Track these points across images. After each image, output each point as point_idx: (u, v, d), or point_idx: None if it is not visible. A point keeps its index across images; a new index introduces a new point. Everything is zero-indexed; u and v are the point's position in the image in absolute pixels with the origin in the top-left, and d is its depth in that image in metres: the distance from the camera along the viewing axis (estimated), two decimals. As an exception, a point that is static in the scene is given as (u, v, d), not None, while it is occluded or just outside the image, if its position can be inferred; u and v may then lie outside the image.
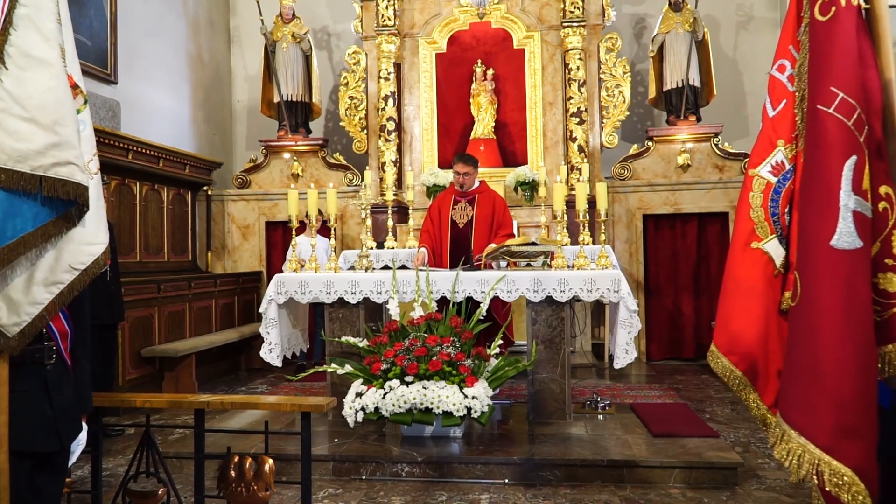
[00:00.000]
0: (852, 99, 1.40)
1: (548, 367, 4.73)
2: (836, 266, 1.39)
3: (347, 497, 3.81)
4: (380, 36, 8.09)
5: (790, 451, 1.44)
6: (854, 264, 1.38)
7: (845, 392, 1.38)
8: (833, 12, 1.44)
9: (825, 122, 1.41)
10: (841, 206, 1.38)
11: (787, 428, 1.45)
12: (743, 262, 2.02)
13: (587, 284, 4.64)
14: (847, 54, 1.42)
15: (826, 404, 1.39)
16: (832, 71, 1.42)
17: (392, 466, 4.10)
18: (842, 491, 1.38)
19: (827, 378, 1.39)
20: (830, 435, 1.39)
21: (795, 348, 1.46)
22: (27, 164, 1.84)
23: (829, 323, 1.39)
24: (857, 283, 1.38)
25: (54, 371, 2.15)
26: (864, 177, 1.40)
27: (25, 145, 1.84)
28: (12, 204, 1.86)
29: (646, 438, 4.37)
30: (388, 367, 4.34)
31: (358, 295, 4.83)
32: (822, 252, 1.40)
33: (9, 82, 1.84)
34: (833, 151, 1.39)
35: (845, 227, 1.38)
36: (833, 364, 1.38)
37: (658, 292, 8.03)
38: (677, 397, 5.84)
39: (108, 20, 7.14)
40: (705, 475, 3.92)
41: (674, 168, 7.99)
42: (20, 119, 1.83)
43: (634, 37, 9.22)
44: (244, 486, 3.15)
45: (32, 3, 1.92)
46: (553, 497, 3.78)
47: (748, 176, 2.16)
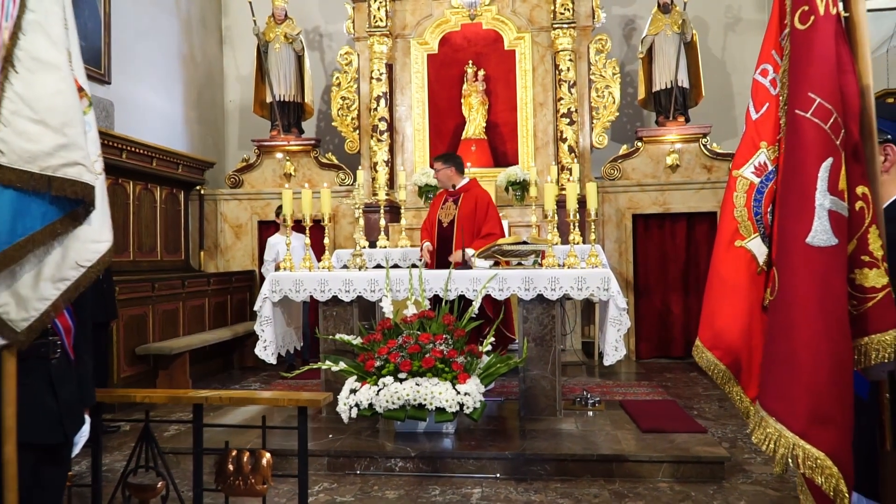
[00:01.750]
0: (829, 104, 1.48)
1: (539, 364, 4.81)
2: (811, 262, 1.47)
3: (342, 491, 3.88)
4: (372, 37, 8.15)
5: (767, 435, 1.52)
6: (829, 261, 1.46)
7: (820, 381, 1.46)
8: (812, 21, 1.52)
9: (803, 126, 1.49)
10: (817, 205, 1.46)
11: (765, 414, 1.53)
12: (727, 259, 2.11)
13: (577, 283, 4.72)
14: (825, 61, 1.49)
15: (801, 393, 1.47)
16: (810, 77, 1.50)
17: (386, 461, 4.17)
18: (815, 473, 1.46)
19: (802, 368, 1.47)
20: (805, 421, 1.47)
21: (773, 340, 1.53)
22: (36, 164, 1.90)
23: (805, 316, 1.47)
24: (833, 279, 1.46)
25: (59, 365, 2.20)
26: (841, 178, 1.47)
27: (35, 146, 1.89)
28: (22, 203, 1.92)
29: (635, 434, 4.46)
30: (382, 365, 4.40)
31: (352, 293, 4.89)
32: (798, 249, 1.48)
33: (19, 85, 1.89)
34: (810, 153, 1.47)
35: (821, 225, 1.46)
36: (808, 355, 1.46)
37: (647, 291, 8.13)
38: (666, 394, 5.93)
39: (101, 21, 7.16)
40: (693, 469, 4.01)
41: (663, 168, 8.09)
42: (30, 121, 1.89)
43: (624, 38, 9.32)
44: (242, 480, 3.21)
45: (41, 9, 1.97)
46: (544, 491, 3.86)
47: (732, 177, 2.25)
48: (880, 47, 6.26)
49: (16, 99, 1.89)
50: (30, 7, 1.95)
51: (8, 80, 1.91)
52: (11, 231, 1.91)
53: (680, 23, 7.99)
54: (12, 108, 1.89)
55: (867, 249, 1.50)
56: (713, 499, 3.72)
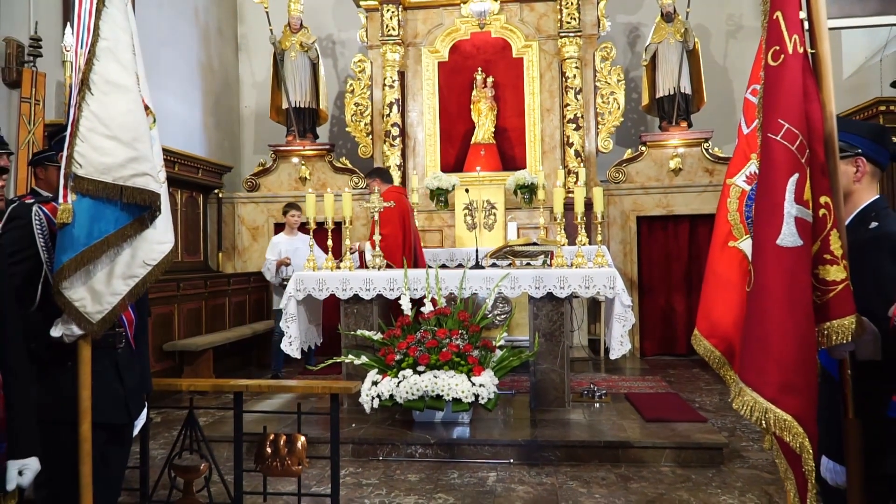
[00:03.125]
0: (796, 129, 1.77)
1: (548, 358, 5.09)
2: (781, 260, 1.76)
3: (367, 475, 4.17)
4: (384, 45, 8.45)
5: (744, 402, 1.81)
6: (795, 259, 1.75)
7: (786, 357, 1.76)
8: (782, 59, 1.81)
9: (773, 147, 1.78)
10: (785, 213, 1.75)
11: (743, 385, 1.83)
12: (722, 258, 2.42)
13: (585, 281, 5.00)
14: (792, 93, 1.78)
15: (772, 366, 1.77)
16: (780, 106, 1.79)
17: (406, 448, 4.45)
18: (784, 432, 1.76)
19: (773, 346, 1.76)
20: (775, 389, 1.77)
21: (749, 324, 1.83)
22: (110, 175, 2.18)
23: (775, 304, 1.76)
24: (798, 273, 1.75)
25: (123, 354, 2.48)
26: (805, 190, 1.76)
27: (109, 159, 2.17)
28: (97, 209, 2.19)
29: (639, 423, 4.74)
30: (402, 358, 4.69)
31: (372, 291, 5.18)
32: (770, 249, 1.77)
33: (94, 105, 2.17)
34: (779, 170, 1.76)
35: (788, 229, 1.75)
36: (778, 336, 1.75)
37: (651, 291, 8.40)
38: (669, 388, 6.20)
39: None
40: (693, 455, 4.29)
41: (666, 172, 8.37)
42: (104, 137, 2.17)
43: (628, 45, 9.60)
44: (279, 461, 3.50)
45: (112, 37, 2.25)
46: (555, 475, 4.14)
47: (726, 184, 2.54)
48: (873, 57, 6.52)
49: (92, 118, 2.17)
50: (103, 36, 2.23)
51: (85, 100, 2.19)
52: (89, 234, 2.19)
53: (682, 31, 8.26)
54: (89, 125, 2.17)
55: (829, 249, 1.79)
56: (712, 481, 4.00)
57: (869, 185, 2.07)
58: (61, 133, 2.50)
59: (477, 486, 3.97)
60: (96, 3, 2.22)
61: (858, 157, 2.04)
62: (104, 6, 2.22)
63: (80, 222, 2.18)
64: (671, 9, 8.33)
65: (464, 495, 3.83)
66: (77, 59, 2.28)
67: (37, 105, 5.89)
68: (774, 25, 1.82)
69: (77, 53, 2.30)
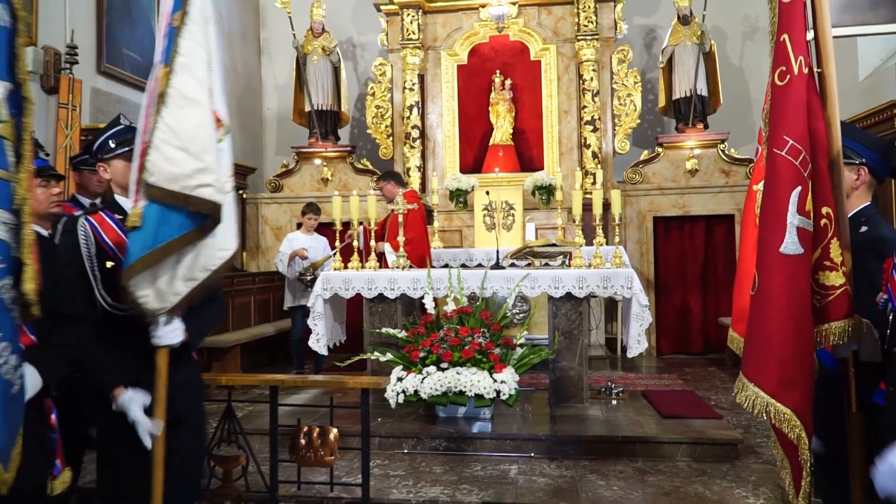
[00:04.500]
0: (799, 144, 1.91)
1: (567, 355, 5.25)
2: (783, 266, 1.91)
3: (394, 467, 4.35)
4: (404, 49, 8.62)
5: (747, 396, 1.97)
6: (796, 265, 1.90)
7: (786, 355, 1.91)
8: (788, 79, 1.96)
9: (778, 162, 1.93)
10: (787, 223, 1.90)
11: (746, 381, 1.98)
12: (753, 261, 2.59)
13: (603, 282, 5.15)
14: (797, 111, 1.93)
15: (772, 364, 1.92)
16: (785, 124, 1.94)
17: (431, 441, 4.63)
18: (783, 424, 1.92)
19: (773, 345, 1.92)
20: (775, 385, 1.92)
21: (753, 324, 1.99)
22: (178, 184, 2.33)
23: (777, 306, 1.91)
24: (799, 279, 1.91)
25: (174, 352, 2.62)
26: (807, 202, 1.92)
27: (178, 169, 2.32)
28: (164, 215, 2.36)
29: (656, 419, 4.88)
30: (426, 355, 4.86)
31: (396, 291, 5.36)
32: (773, 256, 1.92)
33: (169, 118, 2.32)
34: (783, 183, 1.92)
35: (790, 238, 1.90)
36: (778, 336, 1.91)
37: (667, 290, 8.52)
38: (685, 386, 6.34)
39: (154, 37, 7.70)
40: (709, 450, 4.43)
41: (682, 173, 8.48)
42: (175, 148, 2.32)
43: (645, 47, 9.71)
44: (313, 452, 3.68)
45: (190, 53, 2.37)
46: (574, 468, 4.30)
47: (751, 190, 2.71)
48: (889, 59, 6.61)
49: (165, 129, 2.33)
50: (180, 52, 2.37)
51: (160, 112, 2.34)
52: (155, 238, 2.35)
53: (699, 34, 8.37)
54: (162, 136, 2.33)
55: (829, 256, 1.94)
56: (726, 475, 4.14)
57: (864, 193, 2.25)
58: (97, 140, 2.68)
59: (499, 479, 4.14)
60: (179, 20, 2.35)
61: (861, 167, 2.19)
62: (185, 24, 2.34)
63: (148, 226, 2.32)
64: (687, 11, 8.44)
65: (487, 486, 4.00)
66: (156, 72, 2.41)
67: (73, 111, 6.11)
68: (781, 47, 1.97)
69: (157, 67, 2.45)
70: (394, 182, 6.40)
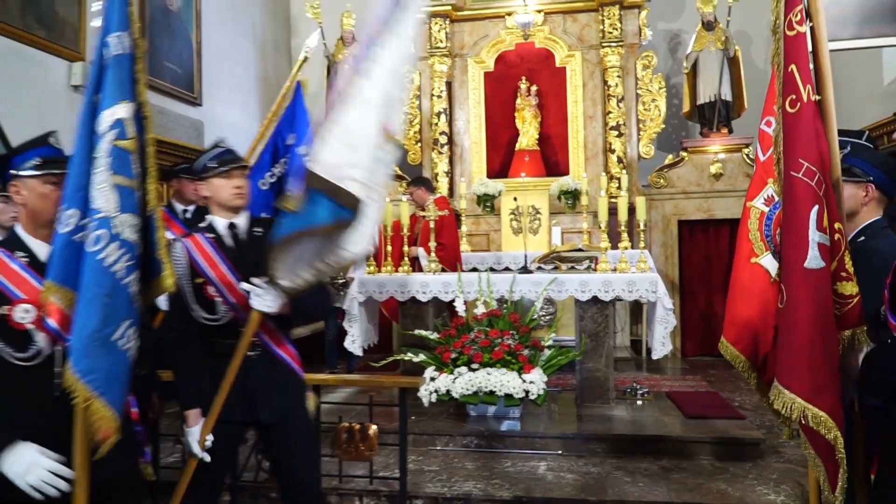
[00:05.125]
0: (814, 166, 2.09)
1: (594, 357, 5.42)
2: (807, 280, 2.08)
3: (428, 462, 4.56)
4: (432, 57, 8.84)
5: (784, 403, 2.12)
6: (819, 278, 2.07)
7: (817, 363, 2.07)
8: (799, 107, 2.13)
9: (796, 184, 2.10)
10: (810, 240, 2.07)
11: (782, 388, 2.14)
12: (745, 273, 2.78)
13: (628, 286, 5.31)
14: (809, 135, 2.10)
15: (805, 371, 2.08)
16: (799, 148, 2.11)
17: (463, 439, 4.84)
18: (820, 427, 2.07)
19: (805, 353, 2.08)
20: (809, 391, 2.08)
21: (784, 335, 2.15)
22: (330, 173, 2.41)
23: (805, 317, 2.07)
24: (822, 290, 2.07)
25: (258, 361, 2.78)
26: (824, 219, 2.09)
27: (333, 159, 2.41)
28: (314, 202, 2.43)
29: (680, 419, 5.04)
30: (457, 356, 5.06)
31: (428, 294, 5.57)
32: (798, 271, 2.09)
33: (342, 116, 2.44)
34: (803, 204, 2.09)
35: (813, 254, 2.07)
36: (809, 345, 2.07)
37: (692, 293, 8.64)
38: (709, 387, 6.47)
39: (193, 49, 7.99)
40: (732, 450, 4.58)
41: (707, 177, 8.59)
42: (339, 141, 2.42)
43: (669, 52, 9.82)
44: (353, 447, 3.91)
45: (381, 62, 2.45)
46: (601, 465, 4.48)
47: (746, 207, 2.91)
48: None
49: (336, 125, 2.44)
50: (374, 59, 2.47)
51: (338, 109, 2.46)
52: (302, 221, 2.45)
53: (723, 39, 8.48)
54: (333, 131, 2.44)
55: (844, 267, 2.11)
56: (749, 474, 4.29)
57: (874, 208, 2.43)
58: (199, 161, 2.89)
59: (529, 474, 4.33)
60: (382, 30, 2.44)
61: (868, 184, 2.36)
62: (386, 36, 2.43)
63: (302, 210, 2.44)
64: (712, 17, 8.55)
65: (518, 482, 4.20)
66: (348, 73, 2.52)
67: (119, 121, 6.39)
68: (790, 77, 2.15)
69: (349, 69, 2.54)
70: (424, 188, 6.61)
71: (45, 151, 2.23)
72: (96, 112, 2.13)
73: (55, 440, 2.03)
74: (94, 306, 1.98)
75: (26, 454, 2.00)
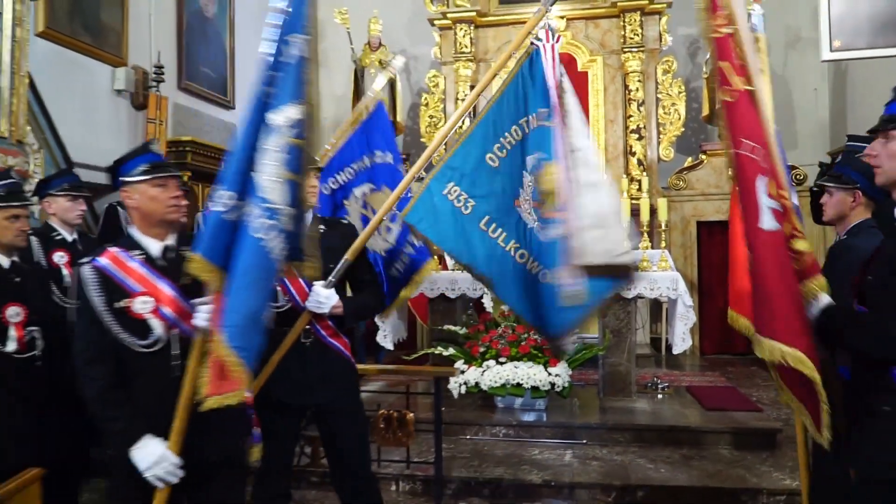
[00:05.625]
0: (754, 143, 2.38)
1: (616, 352, 5.64)
2: (766, 240, 2.33)
3: (459, 450, 4.80)
4: (457, 62, 9.08)
5: (763, 348, 2.32)
6: (776, 238, 2.33)
7: (787, 310, 2.30)
8: (735, 96, 2.42)
9: (741, 159, 2.39)
10: (761, 205, 2.33)
11: (761, 338, 2.36)
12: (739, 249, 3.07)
13: (650, 284, 5.54)
14: (746, 117, 2.41)
15: (779, 318, 2.31)
16: (740, 129, 2.40)
17: (492, 429, 5.07)
18: (800, 365, 2.25)
19: (775, 304, 2.31)
20: (784, 335, 2.28)
21: (756, 291, 2.40)
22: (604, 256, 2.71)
23: (769, 272, 2.32)
24: (779, 248, 2.33)
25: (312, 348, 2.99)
26: (773, 187, 2.35)
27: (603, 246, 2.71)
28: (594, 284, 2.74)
29: (699, 411, 5.25)
30: (485, 350, 5.30)
31: (457, 291, 5.82)
32: (757, 232, 2.35)
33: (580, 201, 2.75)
34: (750, 175, 2.36)
35: (766, 216, 2.33)
36: (777, 296, 2.31)
37: (710, 293, 8.82)
38: (727, 382, 6.66)
39: (227, 54, 8.31)
40: (749, 439, 4.79)
41: (725, 179, 8.75)
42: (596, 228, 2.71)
43: (689, 56, 10.01)
44: (391, 433, 4.16)
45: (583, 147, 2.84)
46: (624, 454, 4.70)
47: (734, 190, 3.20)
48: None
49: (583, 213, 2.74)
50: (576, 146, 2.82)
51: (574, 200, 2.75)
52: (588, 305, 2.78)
53: (742, 45, 8.64)
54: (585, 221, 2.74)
55: (795, 227, 2.38)
56: (766, 462, 4.50)
57: (863, 211, 2.78)
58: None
59: (556, 461, 4.56)
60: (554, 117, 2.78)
61: (857, 191, 2.64)
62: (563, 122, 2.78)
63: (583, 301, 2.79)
64: (731, 23, 8.72)
65: (546, 468, 4.43)
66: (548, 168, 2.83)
67: (160, 125, 6.70)
68: (722, 73, 2.46)
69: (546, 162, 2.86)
70: None
71: (149, 158, 2.45)
72: (267, 105, 2.29)
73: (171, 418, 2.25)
74: (255, 289, 2.19)
75: (156, 449, 2.22)
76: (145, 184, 2.39)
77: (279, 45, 2.32)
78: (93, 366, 2.29)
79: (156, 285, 2.32)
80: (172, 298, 2.31)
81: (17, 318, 2.79)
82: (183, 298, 2.34)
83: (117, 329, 2.29)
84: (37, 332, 2.87)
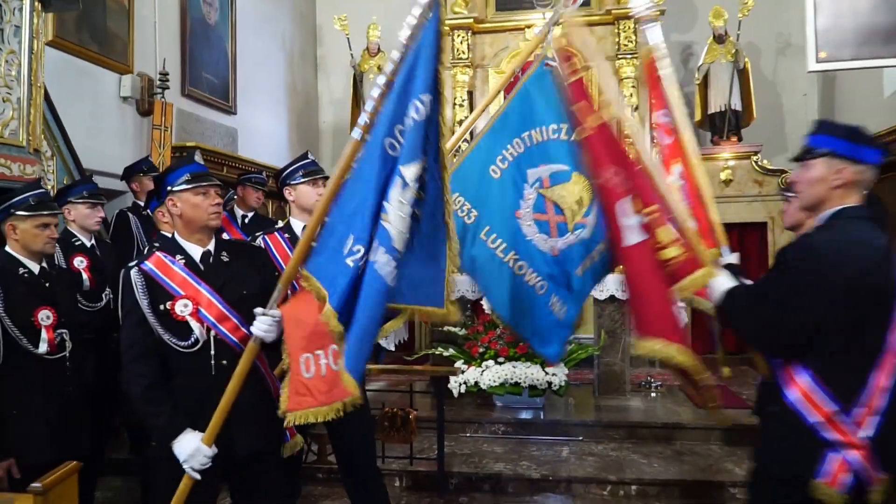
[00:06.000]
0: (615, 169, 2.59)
1: (611, 352, 5.82)
2: (631, 255, 2.58)
3: (460, 447, 4.98)
4: (455, 67, 9.25)
5: (644, 346, 2.53)
6: (640, 251, 2.55)
7: (658, 311, 2.52)
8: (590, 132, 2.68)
9: (602, 188, 2.65)
10: (622, 225, 2.57)
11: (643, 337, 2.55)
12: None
13: (643, 285, 5.70)
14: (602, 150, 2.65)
15: (652, 319, 2.53)
16: (600, 160, 2.65)
17: (491, 426, 5.25)
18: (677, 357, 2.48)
19: (649, 307, 2.54)
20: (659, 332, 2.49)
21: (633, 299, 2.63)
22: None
23: (640, 280, 2.56)
24: (644, 259, 2.55)
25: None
26: (637, 203, 2.55)
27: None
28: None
29: (691, 409, 5.44)
30: (484, 350, 5.48)
31: (455, 293, 5.96)
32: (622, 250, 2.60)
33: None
34: (609, 201, 2.60)
35: (627, 234, 2.56)
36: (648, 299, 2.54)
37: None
38: (718, 381, 6.83)
39: (229, 60, 8.44)
40: (739, 436, 4.96)
41: (717, 183, 8.95)
42: None
43: (682, 62, 10.19)
44: (395, 431, 4.33)
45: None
46: (619, 449, 4.89)
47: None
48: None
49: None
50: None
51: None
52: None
53: (733, 52, 8.86)
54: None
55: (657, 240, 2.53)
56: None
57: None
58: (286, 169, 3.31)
59: (554, 457, 4.74)
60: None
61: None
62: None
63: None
64: (722, 31, 8.93)
65: (544, 463, 4.61)
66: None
67: (165, 131, 6.85)
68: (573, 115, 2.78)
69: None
70: None
71: (193, 168, 2.61)
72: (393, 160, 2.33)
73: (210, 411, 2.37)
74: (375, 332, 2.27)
75: (193, 443, 2.36)
76: (189, 192, 2.55)
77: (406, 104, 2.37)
78: (138, 364, 2.46)
79: (197, 289, 2.49)
80: (212, 302, 2.47)
81: (47, 321, 2.93)
82: (221, 302, 2.50)
83: (161, 330, 2.46)
84: (65, 334, 3.02)
